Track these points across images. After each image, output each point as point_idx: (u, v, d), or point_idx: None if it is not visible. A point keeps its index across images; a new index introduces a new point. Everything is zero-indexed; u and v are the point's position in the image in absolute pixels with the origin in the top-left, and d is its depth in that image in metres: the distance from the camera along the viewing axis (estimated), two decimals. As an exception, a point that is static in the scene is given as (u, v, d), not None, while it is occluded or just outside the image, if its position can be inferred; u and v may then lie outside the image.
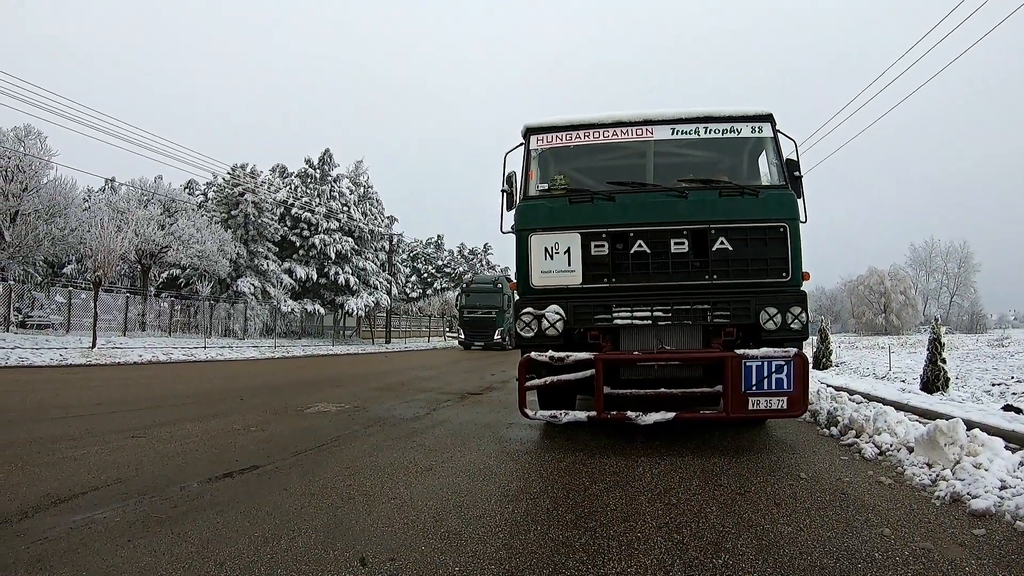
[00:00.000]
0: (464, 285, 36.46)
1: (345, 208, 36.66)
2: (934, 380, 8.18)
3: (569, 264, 5.13)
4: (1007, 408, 6.06)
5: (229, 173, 32.79)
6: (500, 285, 32.52)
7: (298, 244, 34.88)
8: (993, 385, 10.46)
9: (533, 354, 4.85)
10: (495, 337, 30.80)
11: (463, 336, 32.39)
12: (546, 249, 5.18)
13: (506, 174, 5.88)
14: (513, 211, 5.68)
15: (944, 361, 8.30)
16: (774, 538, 2.82)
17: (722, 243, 4.98)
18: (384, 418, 6.61)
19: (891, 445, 4.54)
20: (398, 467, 4.26)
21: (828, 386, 9.34)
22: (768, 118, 5.48)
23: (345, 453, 4.74)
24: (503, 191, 5.89)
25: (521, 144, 5.79)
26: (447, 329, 54.12)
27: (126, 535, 2.81)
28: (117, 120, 30.90)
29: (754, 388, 4.48)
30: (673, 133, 5.49)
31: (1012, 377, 11.95)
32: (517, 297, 5.42)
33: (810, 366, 4.91)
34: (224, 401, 7.99)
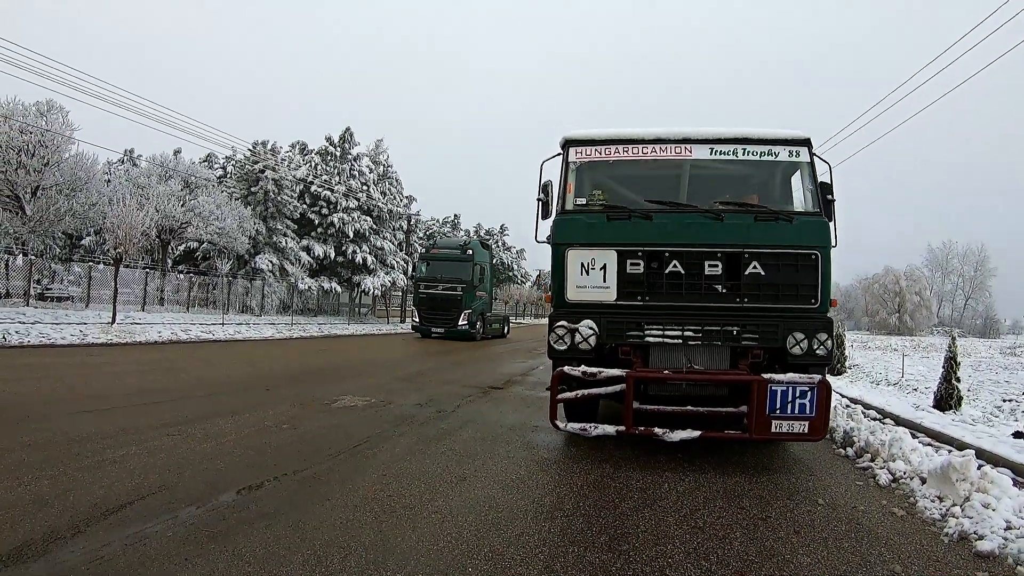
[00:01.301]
0: (423, 250, 28.00)
1: (364, 187, 36.81)
2: (947, 398, 8.35)
3: (604, 280, 5.29)
4: (1017, 435, 6.19)
5: (250, 150, 32.99)
6: (470, 251, 24.47)
7: (317, 222, 35.13)
8: (1004, 401, 10.56)
9: (566, 368, 5.06)
10: (460, 322, 23.33)
11: (418, 319, 24.51)
12: (582, 264, 5.34)
13: (542, 183, 5.94)
14: (548, 220, 5.82)
15: (959, 380, 8.45)
16: (795, 569, 3.04)
17: (754, 267, 5.14)
18: (411, 416, 6.86)
19: (904, 473, 4.73)
20: (433, 476, 4.49)
21: (843, 397, 9.51)
22: (806, 142, 5.58)
23: (379, 457, 4.97)
24: (538, 200, 5.94)
25: (558, 154, 5.90)
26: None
27: (182, 553, 2.94)
28: (136, 95, 30.95)
29: (778, 411, 4.68)
30: (711, 153, 5.61)
31: (1023, 393, 12.05)
32: (552, 308, 5.55)
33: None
34: (251, 391, 8.22)
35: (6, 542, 2.97)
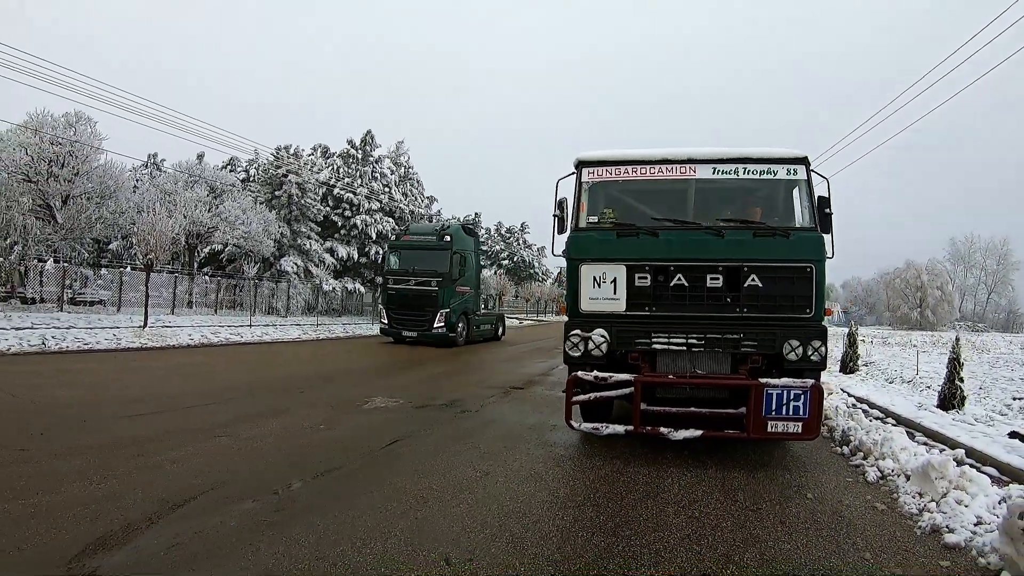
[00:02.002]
0: (392, 238, 23.81)
1: (386, 189, 37.54)
2: (951, 398, 8.64)
3: (615, 292, 5.75)
4: (1012, 435, 6.50)
5: (274, 154, 33.82)
6: (448, 238, 19.92)
7: (340, 224, 35.91)
8: (1014, 399, 10.75)
9: (580, 373, 5.56)
10: (436, 324, 19.05)
11: (386, 320, 20.25)
12: (594, 278, 5.80)
13: (557, 199, 6.40)
14: (564, 235, 6.29)
15: (962, 380, 8.75)
16: (775, 554, 3.50)
17: (753, 280, 5.55)
18: (438, 416, 7.37)
19: (892, 471, 5.13)
20: (460, 471, 4.99)
21: (850, 395, 9.85)
22: (803, 161, 5.95)
23: (410, 455, 5.48)
24: (555, 216, 6.42)
25: (572, 173, 6.35)
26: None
27: (246, 539, 3.39)
28: (157, 104, 31.83)
29: (773, 413, 5.12)
30: (714, 172, 6.01)
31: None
32: (567, 317, 5.99)
33: (834, 376, 5.46)
34: (287, 393, 8.70)
35: (90, 532, 3.45)
